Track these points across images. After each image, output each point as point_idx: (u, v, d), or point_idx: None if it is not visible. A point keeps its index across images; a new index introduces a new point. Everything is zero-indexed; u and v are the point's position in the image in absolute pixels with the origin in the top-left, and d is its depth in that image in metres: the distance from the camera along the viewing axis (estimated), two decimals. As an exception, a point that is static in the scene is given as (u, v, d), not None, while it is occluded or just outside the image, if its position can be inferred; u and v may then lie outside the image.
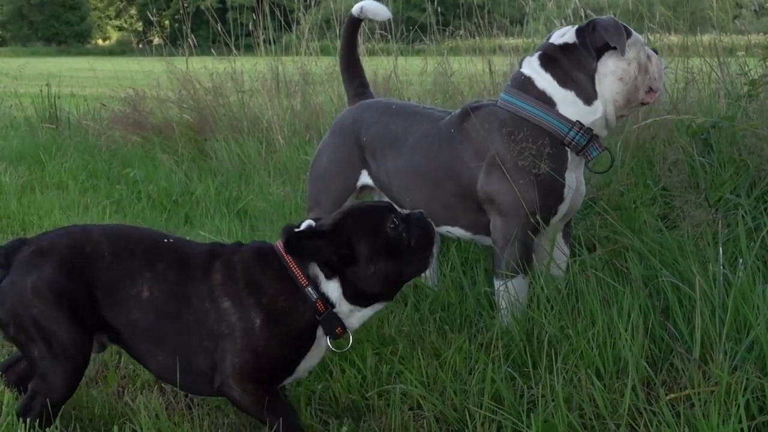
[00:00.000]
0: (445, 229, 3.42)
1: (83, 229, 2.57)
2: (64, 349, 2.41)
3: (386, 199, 3.67)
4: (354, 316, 2.52)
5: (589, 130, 3.20)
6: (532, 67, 3.27)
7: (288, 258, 2.47)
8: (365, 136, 3.57)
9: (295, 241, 2.44)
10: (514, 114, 3.23)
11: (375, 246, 2.45)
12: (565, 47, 3.23)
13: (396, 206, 2.60)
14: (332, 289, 2.46)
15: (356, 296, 2.48)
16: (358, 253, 2.44)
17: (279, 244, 2.51)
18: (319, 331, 2.50)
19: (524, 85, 3.26)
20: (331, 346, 2.53)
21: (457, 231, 3.40)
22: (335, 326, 2.49)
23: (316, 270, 2.47)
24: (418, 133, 3.42)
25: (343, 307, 2.48)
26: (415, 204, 3.42)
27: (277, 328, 2.41)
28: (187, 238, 2.80)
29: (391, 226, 2.47)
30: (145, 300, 2.44)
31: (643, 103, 3.32)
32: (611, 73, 3.18)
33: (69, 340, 2.41)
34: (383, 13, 3.96)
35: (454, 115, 3.40)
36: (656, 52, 3.35)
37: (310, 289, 2.45)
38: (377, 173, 3.55)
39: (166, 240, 2.56)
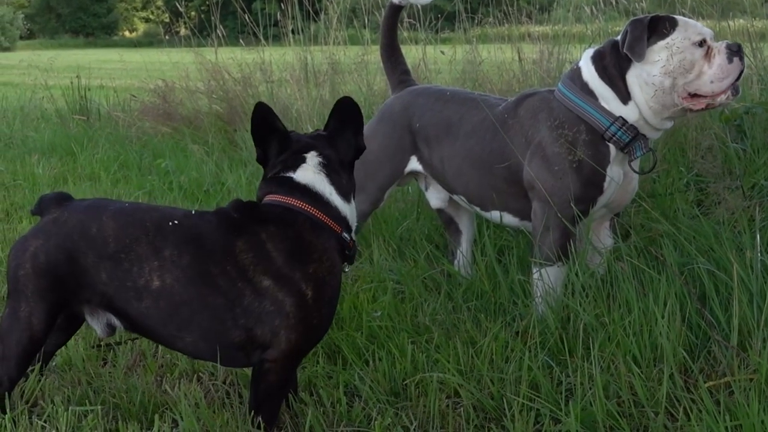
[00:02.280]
0: (494, 214, 3.44)
1: (100, 207, 2.51)
2: (28, 319, 2.44)
3: (432, 184, 3.68)
4: (352, 219, 2.54)
5: (634, 128, 3.14)
6: (585, 59, 3.25)
7: (314, 211, 2.44)
8: (418, 122, 3.57)
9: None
10: (561, 103, 3.23)
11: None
12: (615, 44, 3.19)
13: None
14: (350, 210, 2.52)
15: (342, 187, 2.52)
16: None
17: (294, 202, 2.45)
18: None
19: (573, 75, 3.26)
20: (346, 270, 2.58)
21: (506, 216, 3.42)
22: (354, 253, 2.55)
23: (337, 201, 2.48)
24: (475, 119, 3.43)
25: (348, 214, 2.52)
26: (468, 189, 3.44)
27: (326, 291, 2.41)
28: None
29: None
30: (157, 289, 2.38)
31: (691, 110, 3.14)
32: (637, 77, 3.13)
33: (36, 314, 2.44)
34: None
35: (510, 102, 3.41)
36: (738, 51, 3.10)
37: (345, 234, 2.47)
38: (430, 159, 3.56)
39: (170, 223, 2.44)
